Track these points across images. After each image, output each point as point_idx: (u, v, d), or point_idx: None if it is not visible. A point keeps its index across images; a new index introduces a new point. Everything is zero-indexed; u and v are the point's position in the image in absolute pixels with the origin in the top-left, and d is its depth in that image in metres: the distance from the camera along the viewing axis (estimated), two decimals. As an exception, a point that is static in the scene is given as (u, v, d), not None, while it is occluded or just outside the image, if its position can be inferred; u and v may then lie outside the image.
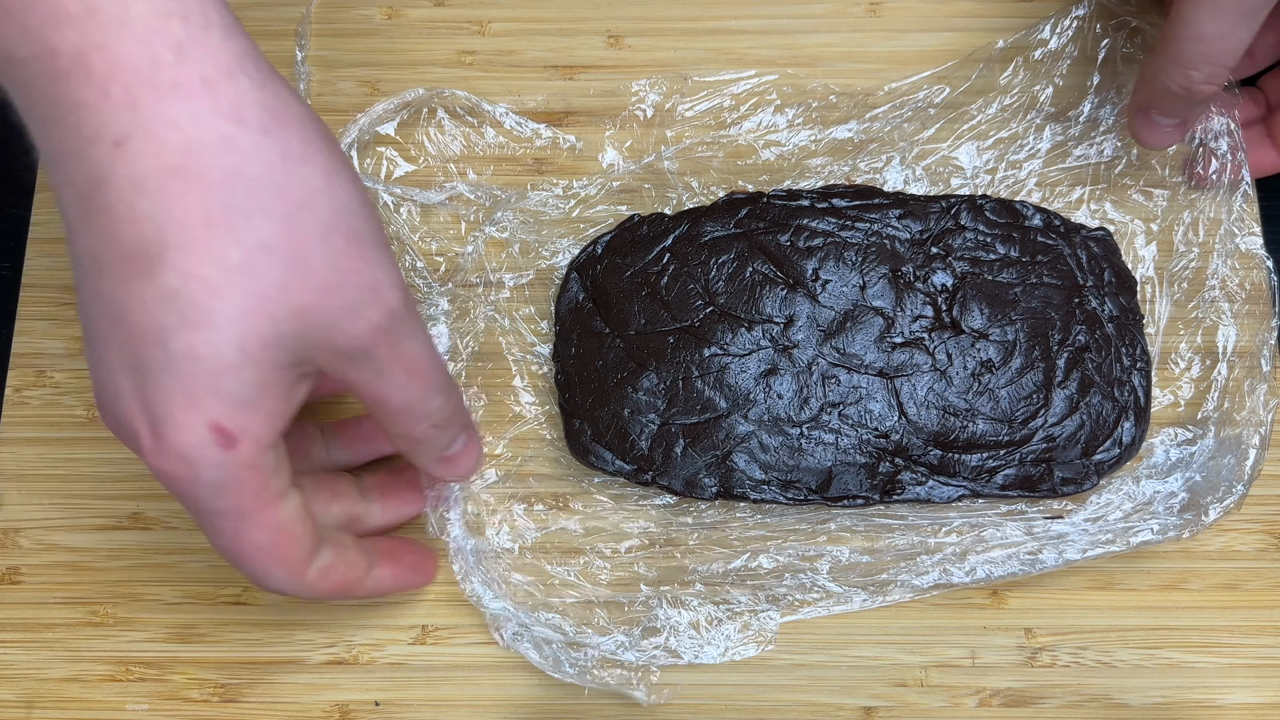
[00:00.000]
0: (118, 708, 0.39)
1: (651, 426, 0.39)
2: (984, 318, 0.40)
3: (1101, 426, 0.39)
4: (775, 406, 0.39)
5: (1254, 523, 0.40)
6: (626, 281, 0.41)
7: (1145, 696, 0.38)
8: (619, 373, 0.40)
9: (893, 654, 0.39)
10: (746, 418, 0.39)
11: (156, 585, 0.40)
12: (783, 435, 0.39)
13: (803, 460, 0.39)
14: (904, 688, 0.38)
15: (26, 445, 0.41)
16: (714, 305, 0.40)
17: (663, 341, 0.40)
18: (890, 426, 0.39)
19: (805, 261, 0.41)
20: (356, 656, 0.39)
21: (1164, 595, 0.39)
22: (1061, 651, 0.39)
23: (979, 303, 0.40)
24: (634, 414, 0.39)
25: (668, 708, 0.38)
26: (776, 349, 0.40)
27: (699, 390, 0.40)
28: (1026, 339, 0.40)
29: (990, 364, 0.39)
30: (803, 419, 0.39)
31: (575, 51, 0.46)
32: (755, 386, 0.39)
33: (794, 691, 0.38)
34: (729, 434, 0.39)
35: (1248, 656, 0.39)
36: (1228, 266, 0.42)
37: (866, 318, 0.40)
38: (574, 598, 0.39)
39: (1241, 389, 0.40)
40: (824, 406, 0.39)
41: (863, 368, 0.39)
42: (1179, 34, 0.36)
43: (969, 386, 0.39)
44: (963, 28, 0.46)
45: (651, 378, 0.40)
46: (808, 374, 0.39)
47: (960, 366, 0.39)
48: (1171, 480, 0.39)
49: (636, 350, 0.40)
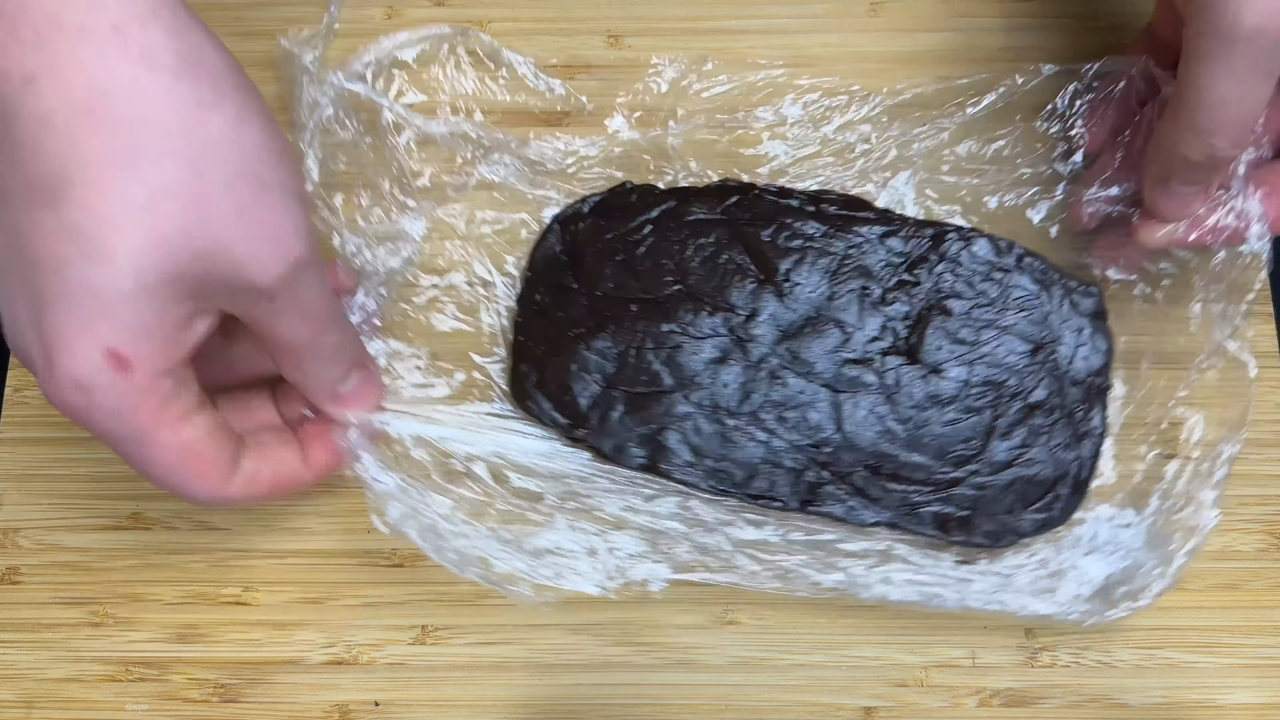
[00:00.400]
0: (117, 708, 0.39)
1: (595, 387, 0.39)
2: (942, 352, 0.39)
3: (1036, 487, 0.38)
4: (719, 394, 0.39)
5: (1254, 523, 0.40)
6: (605, 244, 0.41)
7: (1145, 696, 0.38)
8: (577, 329, 0.40)
9: (893, 654, 0.39)
10: (688, 399, 0.39)
11: (156, 585, 0.40)
12: (719, 424, 0.39)
13: (733, 451, 0.39)
14: (904, 688, 0.38)
15: (26, 445, 0.41)
16: (683, 284, 0.40)
17: (625, 308, 0.40)
18: (825, 439, 0.39)
19: (781, 260, 0.40)
20: (356, 656, 0.39)
21: (1164, 595, 0.39)
22: (1061, 651, 0.39)
23: (941, 336, 0.40)
24: (581, 371, 0.40)
25: (667, 707, 0.38)
26: (733, 339, 0.40)
27: (649, 363, 0.40)
28: (981, 382, 0.39)
29: (938, 399, 0.39)
30: (742, 412, 0.39)
31: (575, 51, 0.46)
32: (704, 371, 0.39)
33: (794, 691, 0.38)
34: (668, 411, 0.39)
35: (1248, 656, 0.39)
36: (1213, 361, 0.40)
37: (826, 328, 0.40)
38: (474, 493, 0.38)
39: (1190, 491, 0.38)
40: (765, 404, 0.39)
41: (811, 375, 0.39)
42: (1196, 101, 0.32)
43: (910, 417, 0.39)
44: (963, 28, 0.46)
45: (606, 341, 0.40)
46: (756, 370, 0.39)
47: (907, 395, 0.39)
48: (1091, 560, 0.38)
49: (599, 311, 0.40)
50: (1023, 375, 0.39)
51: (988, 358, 0.40)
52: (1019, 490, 0.38)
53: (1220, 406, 0.40)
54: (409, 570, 0.40)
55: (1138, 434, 0.41)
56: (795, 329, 0.40)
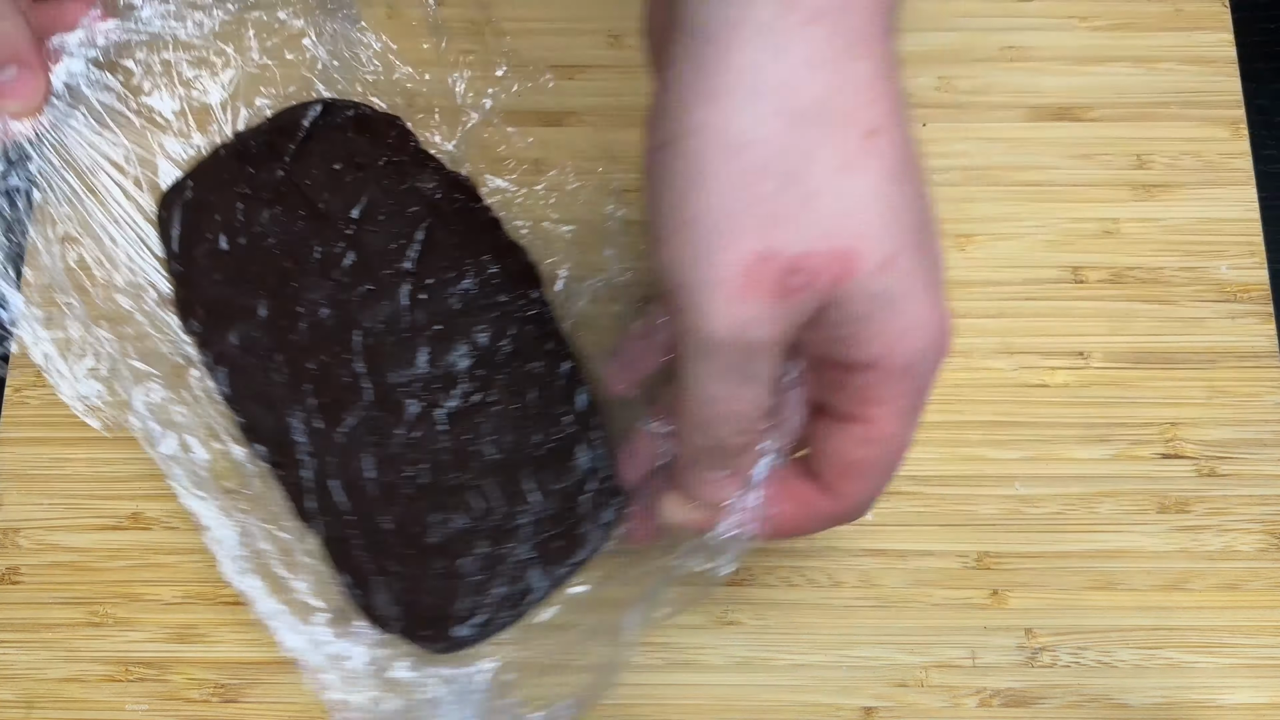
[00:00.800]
0: (117, 708, 0.39)
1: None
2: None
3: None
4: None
5: (1254, 523, 0.40)
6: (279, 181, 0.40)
7: (1145, 696, 0.38)
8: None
9: (893, 654, 0.39)
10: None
11: (156, 585, 0.40)
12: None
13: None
14: (904, 688, 0.38)
15: (26, 445, 0.41)
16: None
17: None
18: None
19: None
20: (356, 656, 0.39)
21: (1164, 595, 0.39)
22: (1062, 651, 0.39)
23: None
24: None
25: (667, 707, 0.38)
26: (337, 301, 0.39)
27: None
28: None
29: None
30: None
31: (575, 51, 0.46)
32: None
33: (794, 691, 0.38)
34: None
35: (1248, 656, 0.39)
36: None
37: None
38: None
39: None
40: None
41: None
42: (687, 395, 0.29)
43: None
44: (964, 28, 0.46)
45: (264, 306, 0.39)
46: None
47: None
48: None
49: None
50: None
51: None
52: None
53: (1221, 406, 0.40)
54: (409, 570, 0.40)
55: (1138, 434, 0.41)
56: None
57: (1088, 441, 0.41)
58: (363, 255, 0.39)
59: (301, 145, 0.41)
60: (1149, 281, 0.42)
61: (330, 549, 0.37)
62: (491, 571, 0.37)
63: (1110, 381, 0.41)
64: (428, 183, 0.41)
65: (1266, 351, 0.42)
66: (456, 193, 0.41)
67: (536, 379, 0.39)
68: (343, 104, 0.42)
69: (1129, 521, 0.40)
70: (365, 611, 0.37)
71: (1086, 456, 0.41)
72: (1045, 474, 0.41)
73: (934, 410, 0.32)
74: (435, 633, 0.37)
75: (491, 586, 0.37)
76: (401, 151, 0.41)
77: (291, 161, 0.40)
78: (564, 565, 0.37)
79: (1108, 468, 0.40)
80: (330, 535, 0.37)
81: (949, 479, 0.41)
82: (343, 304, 0.39)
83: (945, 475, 0.41)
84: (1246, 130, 0.44)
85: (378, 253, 0.40)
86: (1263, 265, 0.43)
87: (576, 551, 0.38)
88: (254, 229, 0.40)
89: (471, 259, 0.40)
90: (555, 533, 0.38)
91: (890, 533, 0.40)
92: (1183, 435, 0.41)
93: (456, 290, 0.39)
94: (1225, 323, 0.42)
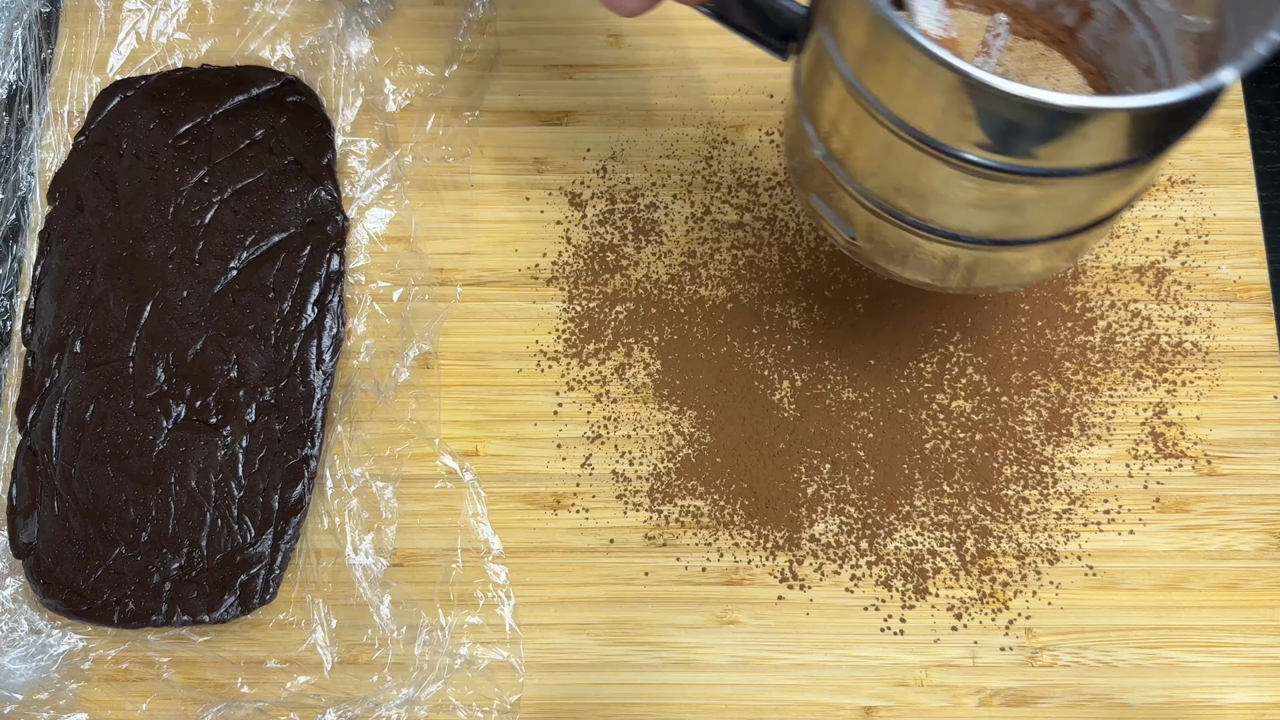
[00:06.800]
0: (118, 707, 0.39)
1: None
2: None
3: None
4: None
5: (1254, 523, 0.40)
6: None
7: (1145, 696, 0.38)
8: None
9: (893, 654, 0.39)
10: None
11: (156, 585, 0.40)
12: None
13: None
14: (904, 688, 0.38)
15: (26, 445, 0.42)
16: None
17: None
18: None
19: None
20: (356, 657, 0.39)
21: (1164, 595, 0.39)
22: (1062, 651, 0.39)
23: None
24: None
25: (667, 707, 0.38)
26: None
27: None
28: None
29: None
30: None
31: (575, 51, 0.46)
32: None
33: (794, 691, 0.39)
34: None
35: (1248, 656, 0.39)
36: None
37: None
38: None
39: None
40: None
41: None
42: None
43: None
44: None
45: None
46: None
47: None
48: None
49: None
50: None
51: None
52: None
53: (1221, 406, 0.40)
54: (408, 570, 0.40)
55: (1138, 434, 0.41)
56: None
57: (1088, 441, 0.41)
58: (195, 227, 0.42)
59: (239, 105, 0.44)
60: (1149, 281, 0.42)
61: (21, 458, 0.40)
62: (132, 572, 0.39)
63: (1110, 381, 0.41)
64: (301, 200, 0.43)
65: (1266, 351, 0.42)
66: (313, 219, 0.43)
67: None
68: (303, 89, 0.44)
69: (1129, 521, 0.40)
70: (9, 526, 0.39)
71: (1087, 456, 0.41)
72: (1045, 473, 0.40)
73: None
74: (50, 587, 0.39)
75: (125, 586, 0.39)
76: (314, 155, 0.44)
77: (214, 115, 0.44)
78: (188, 615, 0.39)
79: (1108, 468, 0.40)
80: (31, 448, 0.40)
81: (951, 479, 0.41)
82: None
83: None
84: (1246, 130, 0.44)
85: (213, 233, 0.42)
86: (1263, 265, 0.43)
87: (200, 612, 0.39)
88: (136, 151, 0.43)
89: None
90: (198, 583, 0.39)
91: (890, 532, 0.40)
92: (1183, 435, 0.41)
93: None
94: (1225, 323, 0.42)
